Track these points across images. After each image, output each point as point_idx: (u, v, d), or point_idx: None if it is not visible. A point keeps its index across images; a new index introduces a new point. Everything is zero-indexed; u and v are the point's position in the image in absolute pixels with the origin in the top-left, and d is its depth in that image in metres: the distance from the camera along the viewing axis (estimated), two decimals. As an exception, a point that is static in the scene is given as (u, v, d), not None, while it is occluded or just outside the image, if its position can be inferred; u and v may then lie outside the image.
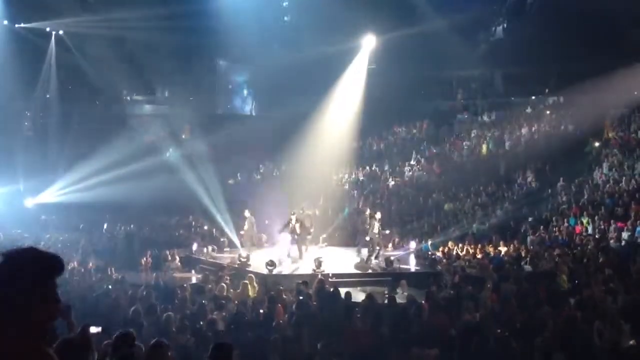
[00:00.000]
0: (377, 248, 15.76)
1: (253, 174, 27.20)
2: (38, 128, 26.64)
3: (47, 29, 24.68)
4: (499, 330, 7.65)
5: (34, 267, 1.84)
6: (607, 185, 18.47)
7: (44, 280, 1.85)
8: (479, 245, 16.79)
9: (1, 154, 22.38)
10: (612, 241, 15.10)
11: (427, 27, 24.18)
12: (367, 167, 26.02)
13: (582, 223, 16.95)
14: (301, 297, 9.85)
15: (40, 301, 1.82)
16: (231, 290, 11.08)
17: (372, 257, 15.65)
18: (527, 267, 13.70)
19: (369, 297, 9.07)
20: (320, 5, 25.17)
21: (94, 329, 5.14)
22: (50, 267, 1.88)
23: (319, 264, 14.20)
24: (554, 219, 17.85)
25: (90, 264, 15.07)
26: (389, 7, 25.49)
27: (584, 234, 16.40)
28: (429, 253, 16.83)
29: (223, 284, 11.10)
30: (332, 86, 26.26)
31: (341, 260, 16.19)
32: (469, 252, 16.43)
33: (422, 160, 25.42)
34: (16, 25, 23.62)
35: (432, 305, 9.15)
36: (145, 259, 16.52)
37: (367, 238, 15.72)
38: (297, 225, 16.08)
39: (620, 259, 13.12)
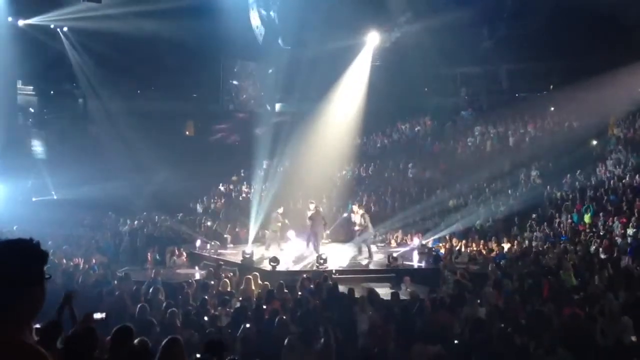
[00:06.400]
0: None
1: (257, 170, 27.14)
2: (46, 125, 26.62)
3: (52, 26, 24.53)
4: (502, 325, 7.66)
5: (19, 255, 1.81)
6: (611, 182, 18.42)
7: (29, 266, 1.81)
8: (482, 242, 16.76)
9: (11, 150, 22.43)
10: (617, 238, 15.04)
11: (430, 24, 24.08)
12: (371, 164, 25.97)
13: (585, 219, 16.90)
14: (304, 293, 9.88)
15: (25, 291, 1.79)
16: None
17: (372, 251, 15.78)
18: (531, 264, 13.66)
19: (371, 292, 9.08)
20: (324, 2, 25.10)
21: (97, 315, 5.21)
22: (34, 254, 1.85)
23: (322, 260, 14.22)
24: (557, 215, 17.80)
25: (94, 261, 15.12)
26: (392, 3, 25.40)
27: (588, 230, 16.35)
28: (432, 249, 16.82)
29: (226, 280, 11.13)
30: (336, 83, 26.21)
31: (344, 257, 16.20)
32: (472, 248, 16.41)
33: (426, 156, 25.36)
34: (19, 22, 23.51)
35: (435, 302, 9.18)
36: (149, 255, 16.56)
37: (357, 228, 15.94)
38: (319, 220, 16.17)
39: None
